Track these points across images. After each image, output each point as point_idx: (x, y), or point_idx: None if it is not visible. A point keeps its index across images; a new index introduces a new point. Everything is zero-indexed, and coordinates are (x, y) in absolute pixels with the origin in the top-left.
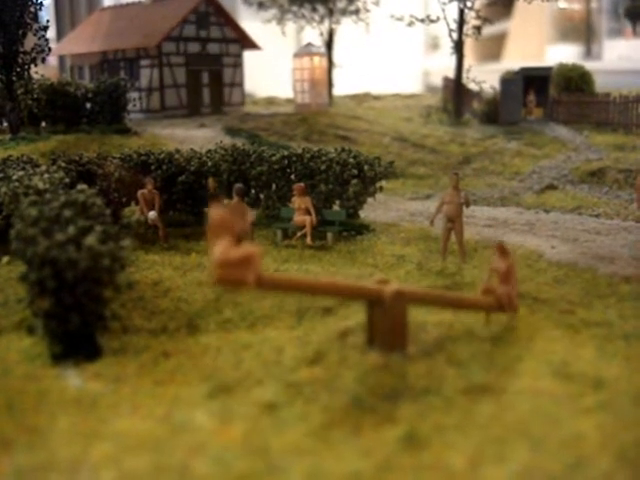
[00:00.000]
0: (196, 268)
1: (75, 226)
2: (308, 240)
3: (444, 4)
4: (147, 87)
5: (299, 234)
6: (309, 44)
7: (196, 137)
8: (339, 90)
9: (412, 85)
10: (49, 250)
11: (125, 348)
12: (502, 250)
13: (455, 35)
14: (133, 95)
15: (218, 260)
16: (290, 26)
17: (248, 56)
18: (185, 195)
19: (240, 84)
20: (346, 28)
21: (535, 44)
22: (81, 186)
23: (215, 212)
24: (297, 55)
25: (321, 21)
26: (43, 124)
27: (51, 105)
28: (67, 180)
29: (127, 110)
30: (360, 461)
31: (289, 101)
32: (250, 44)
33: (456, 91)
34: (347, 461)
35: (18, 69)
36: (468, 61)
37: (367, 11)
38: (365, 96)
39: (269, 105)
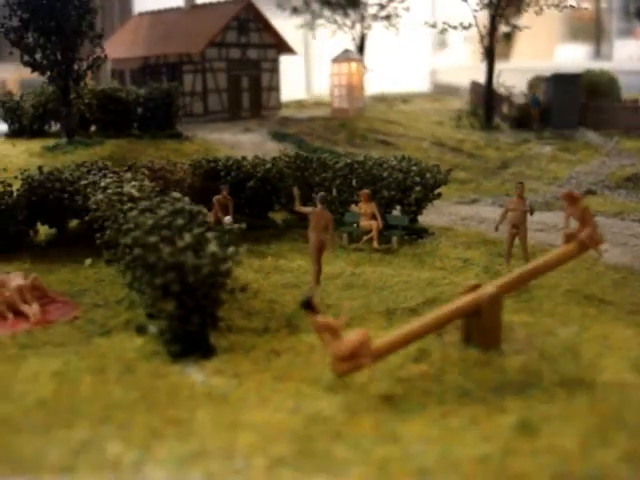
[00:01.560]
0: (275, 271)
1: (191, 233)
2: (375, 244)
3: (475, 11)
4: (190, 92)
5: (365, 238)
6: (347, 50)
7: (244, 142)
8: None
9: (420, 85)
10: (173, 256)
11: (233, 347)
12: (571, 197)
13: (486, 41)
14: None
15: (335, 357)
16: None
17: None
18: (252, 200)
19: (277, 89)
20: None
21: (544, 43)
22: (174, 194)
23: (318, 320)
24: (335, 61)
25: (352, 26)
26: (92, 128)
27: (102, 110)
28: (157, 188)
29: (179, 116)
30: (484, 446)
31: (317, 104)
32: (286, 49)
33: (487, 96)
34: (473, 446)
35: (74, 76)
36: (474, 60)
37: (398, 17)
38: (394, 99)
39: (301, 109)
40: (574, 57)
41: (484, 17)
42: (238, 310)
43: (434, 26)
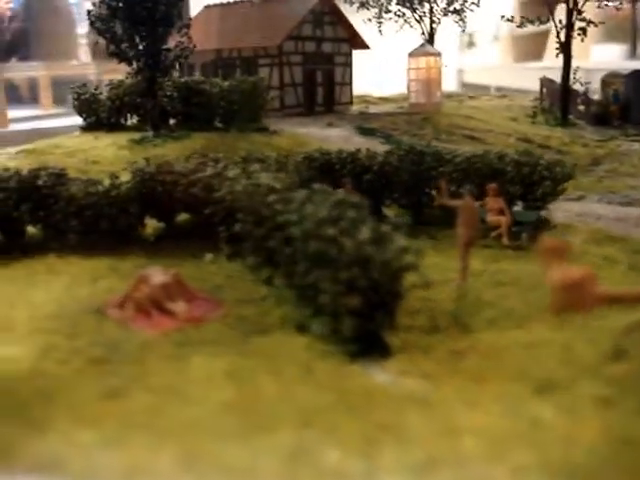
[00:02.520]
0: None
1: (369, 226)
2: (505, 240)
3: (550, 5)
4: (266, 86)
5: (494, 234)
6: (424, 44)
7: (332, 136)
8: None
9: (448, 83)
10: (358, 250)
11: (406, 346)
12: None
13: (562, 37)
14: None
15: (558, 285)
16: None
17: None
18: (369, 193)
19: (349, 83)
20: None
21: (579, 43)
22: (318, 186)
23: (548, 240)
24: (413, 55)
25: (420, 20)
26: (172, 122)
27: (184, 103)
28: (297, 180)
29: (266, 109)
30: None
31: (383, 99)
32: (359, 43)
33: (563, 92)
34: None
35: (161, 67)
36: (505, 59)
37: (468, 11)
38: (462, 95)
39: (366, 104)
40: (610, 57)
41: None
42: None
43: (511, 20)
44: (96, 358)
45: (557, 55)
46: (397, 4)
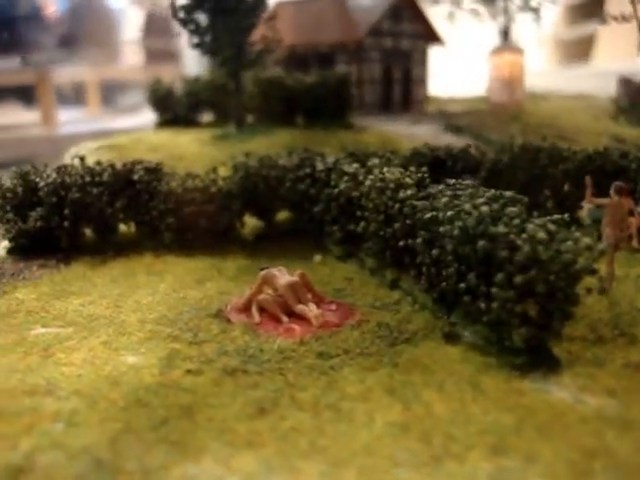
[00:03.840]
0: None
1: (536, 224)
2: (635, 243)
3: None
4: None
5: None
6: (507, 41)
7: (419, 134)
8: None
9: (478, 86)
10: (535, 250)
11: (574, 358)
12: None
13: None
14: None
15: None
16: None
17: None
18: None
19: (424, 81)
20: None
21: (626, 45)
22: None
23: None
24: (495, 52)
25: (494, 18)
26: (249, 117)
27: (264, 98)
28: (426, 175)
29: (353, 105)
30: None
31: (451, 100)
32: (436, 40)
33: None
34: None
35: (246, 60)
36: (550, 63)
37: (538, 9)
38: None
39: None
40: None
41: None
42: None
43: (605, 20)
44: (231, 368)
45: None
46: (472, 0)
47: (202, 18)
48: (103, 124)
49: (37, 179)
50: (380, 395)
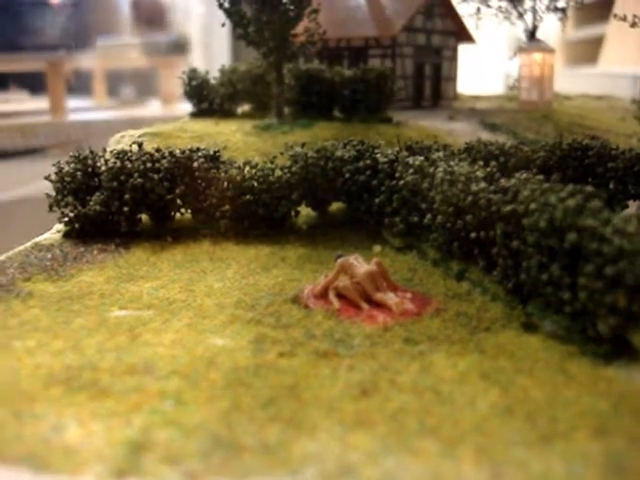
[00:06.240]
0: None
1: (625, 217)
2: None
3: None
4: (395, 76)
5: None
6: (538, 40)
7: (457, 130)
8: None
9: (495, 87)
10: (630, 243)
11: None
12: None
13: None
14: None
15: None
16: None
17: None
18: None
19: (454, 78)
20: None
21: (634, 48)
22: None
23: None
24: (525, 51)
25: (521, 17)
26: (287, 110)
27: (303, 91)
28: (495, 169)
29: (392, 100)
30: None
31: (475, 97)
32: (466, 38)
33: None
34: None
35: (289, 53)
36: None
37: (564, 9)
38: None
39: (463, 100)
40: None
41: None
42: None
43: (624, 19)
44: (323, 351)
45: None
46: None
47: (248, 9)
48: (125, 113)
49: (98, 164)
50: (475, 379)
